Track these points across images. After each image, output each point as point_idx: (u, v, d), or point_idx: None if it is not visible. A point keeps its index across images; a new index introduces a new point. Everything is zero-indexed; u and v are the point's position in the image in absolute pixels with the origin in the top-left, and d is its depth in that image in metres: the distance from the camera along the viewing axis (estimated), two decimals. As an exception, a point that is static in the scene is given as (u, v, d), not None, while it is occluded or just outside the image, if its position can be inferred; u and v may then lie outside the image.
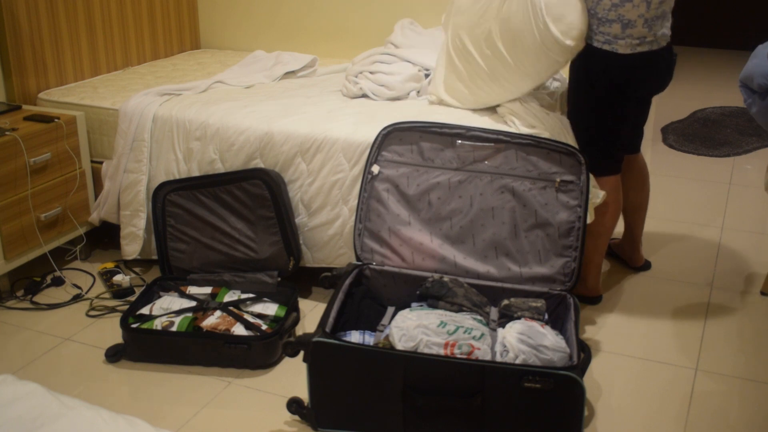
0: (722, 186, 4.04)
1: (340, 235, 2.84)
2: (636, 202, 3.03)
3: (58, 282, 3.02)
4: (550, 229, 2.45)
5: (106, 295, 2.95)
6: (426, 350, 2.12)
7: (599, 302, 2.89)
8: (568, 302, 2.37)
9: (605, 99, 2.65)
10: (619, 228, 3.22)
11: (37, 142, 2.91)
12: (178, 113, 3.01)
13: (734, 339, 2.69)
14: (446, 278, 2.40)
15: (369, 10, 3.89)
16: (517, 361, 2.09)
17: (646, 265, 3.17)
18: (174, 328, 2.52)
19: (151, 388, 2.42)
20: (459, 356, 2.11)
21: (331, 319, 2.22)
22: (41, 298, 2.94)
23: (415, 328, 2.16)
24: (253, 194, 2.81)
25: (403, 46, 3.39)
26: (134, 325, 2.55)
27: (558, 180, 2.46)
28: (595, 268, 2.84)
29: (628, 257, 3.16)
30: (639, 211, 3.05)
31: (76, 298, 2.93)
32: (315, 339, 2.11)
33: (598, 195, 2.64)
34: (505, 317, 2.32)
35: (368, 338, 2.31)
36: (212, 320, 2.56)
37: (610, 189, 2.73)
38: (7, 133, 2.84)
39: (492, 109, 2.89)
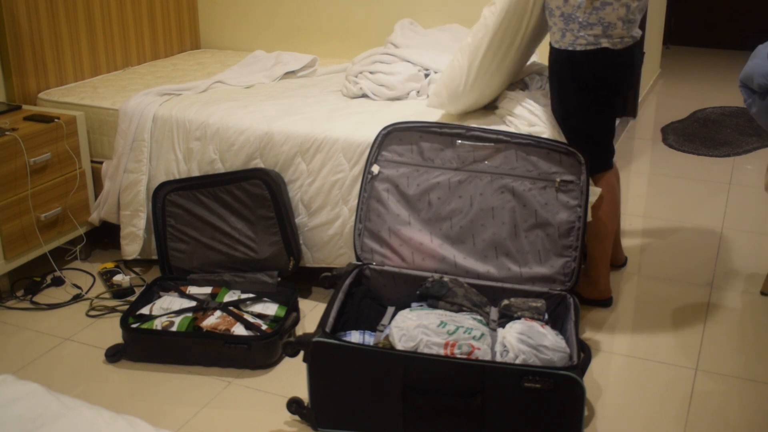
0: (722, 186, 4.04)
1: (340, 235, 2.84)
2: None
3: (58, 282, 3.02)
4: (550, 229, 2.45)
5: (106, 295, 2.95)
6: (426, 350, 2.12)
7: (611, 304, 2.88)
8: (568, 302, 2.37)
9: (598, 96, 2.64)
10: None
11: (37, 142, 2.91)
12: (178, 113, 3.01)
13: (734, 339, 2.69)
14: (446, 278, 2.40)
15: (369, 10, 3.89)
16: (517, 361, 2.09)
17: (625, 262, 3.17)
18: (174, 328, 2.52)
19: (151, 388, 2.42)
20: (459, 356, 2.11)
21: (331, 319, 2.21)
22: (41, 298, 2.94)
23: (415, 328, 2.16)
24: (253, 194, 2.81)
25: (403, 46, 3.39)
26: (134, 325, 2.55)
27: (558, 180, 2.46)
28: (604, 269, 2.83)
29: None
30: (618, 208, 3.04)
31: (76, 298, 2.93)
32: (315, 339, 2.11)
33: (594, 193, 2.64)
34: (505, 317, 2.32)
35: (368, 338, 2.30)
36: (212, 320, 2.56)
37: (608, 185, 2.73)
38: (7, 133, 2.84)
39: (492, 109, 2.89)
